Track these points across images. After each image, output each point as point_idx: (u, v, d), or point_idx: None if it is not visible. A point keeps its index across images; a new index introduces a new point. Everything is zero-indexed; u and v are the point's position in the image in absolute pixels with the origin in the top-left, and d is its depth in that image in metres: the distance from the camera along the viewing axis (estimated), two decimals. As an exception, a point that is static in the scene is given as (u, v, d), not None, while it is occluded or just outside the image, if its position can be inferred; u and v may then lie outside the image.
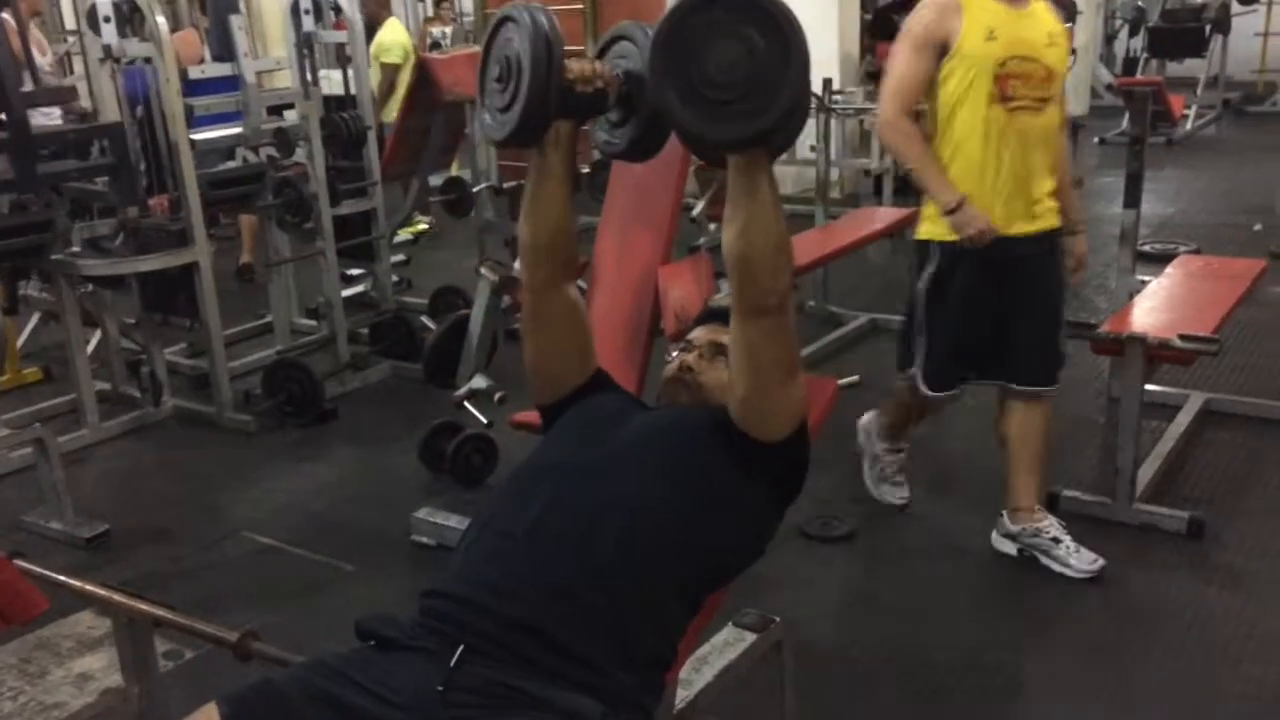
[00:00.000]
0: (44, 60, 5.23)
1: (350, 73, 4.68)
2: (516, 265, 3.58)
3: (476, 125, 4.96)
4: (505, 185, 4.79)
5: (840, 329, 4.99)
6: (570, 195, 1.78)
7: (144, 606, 2.10)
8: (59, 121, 5.11)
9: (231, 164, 4.80)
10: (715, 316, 1.98)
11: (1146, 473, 3.32)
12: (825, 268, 5.05)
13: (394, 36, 6.89)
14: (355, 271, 5.27)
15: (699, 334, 1.95)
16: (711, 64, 1.40)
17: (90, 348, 4.45)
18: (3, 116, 3.47)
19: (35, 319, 5.00)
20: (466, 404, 3.42)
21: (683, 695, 1.97)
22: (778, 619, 2.17)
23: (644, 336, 3.16)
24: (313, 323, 4.95)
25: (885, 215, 5.18)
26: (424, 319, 4.79)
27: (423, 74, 4.79)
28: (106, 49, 3.84)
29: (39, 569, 2.17)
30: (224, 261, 5.83)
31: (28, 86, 3.91)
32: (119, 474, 3.90)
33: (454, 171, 5.91)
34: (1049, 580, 2.94)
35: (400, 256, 5.60)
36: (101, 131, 3.83)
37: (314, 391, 4.06)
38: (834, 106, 5.23)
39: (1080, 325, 3.13)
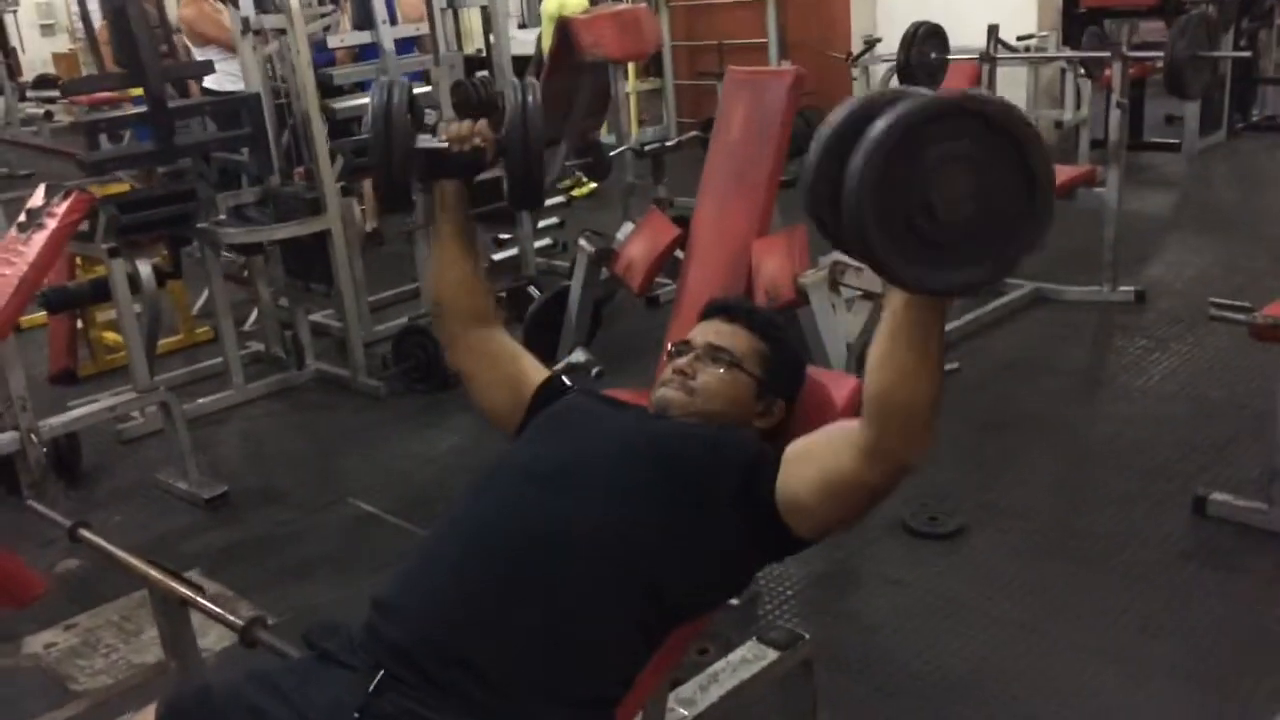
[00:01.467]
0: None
1: (491, 37, 4.65)
2: (619, 236, 3.49)
3: (618, 86, 4.86)
4: (646, 147, 4.67)
5: (1001, 298, 4.60)
6: (467, 252, 1.79)
7: (175, 585, 2.12)
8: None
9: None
10: (718, 312, 1.81)
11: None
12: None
13: (576, 0, 6.85)
14: (505, 236, 5.28)
15: (698, 333, 1.78)
16: (934, 198, 1.13)
17: (255, 313, 4.69)
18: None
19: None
20: (564, 378, 3.34)
21: (681, 716, 1.83)
22: (806, 635, 1.99)
23: (735, 314, 2.98)
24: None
25: (1058, 173, 4.70)
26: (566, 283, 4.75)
27: (564, 34, 4.70)
28: (245, 21, 3.96)
29: (99, 539, 2.22)
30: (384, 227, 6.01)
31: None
32: (254, 434, 4.07)
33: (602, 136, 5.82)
34: (1186, 592, 2.60)
35: (554, 219, 5.57)
36: (239, 103, 3.95)
37: (437, 358, 4.09)
38: (997, 56, 4.79)
39: (1230, 307, 2.72)
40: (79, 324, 4.64)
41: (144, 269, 3.81)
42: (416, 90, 4.38)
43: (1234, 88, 6.90)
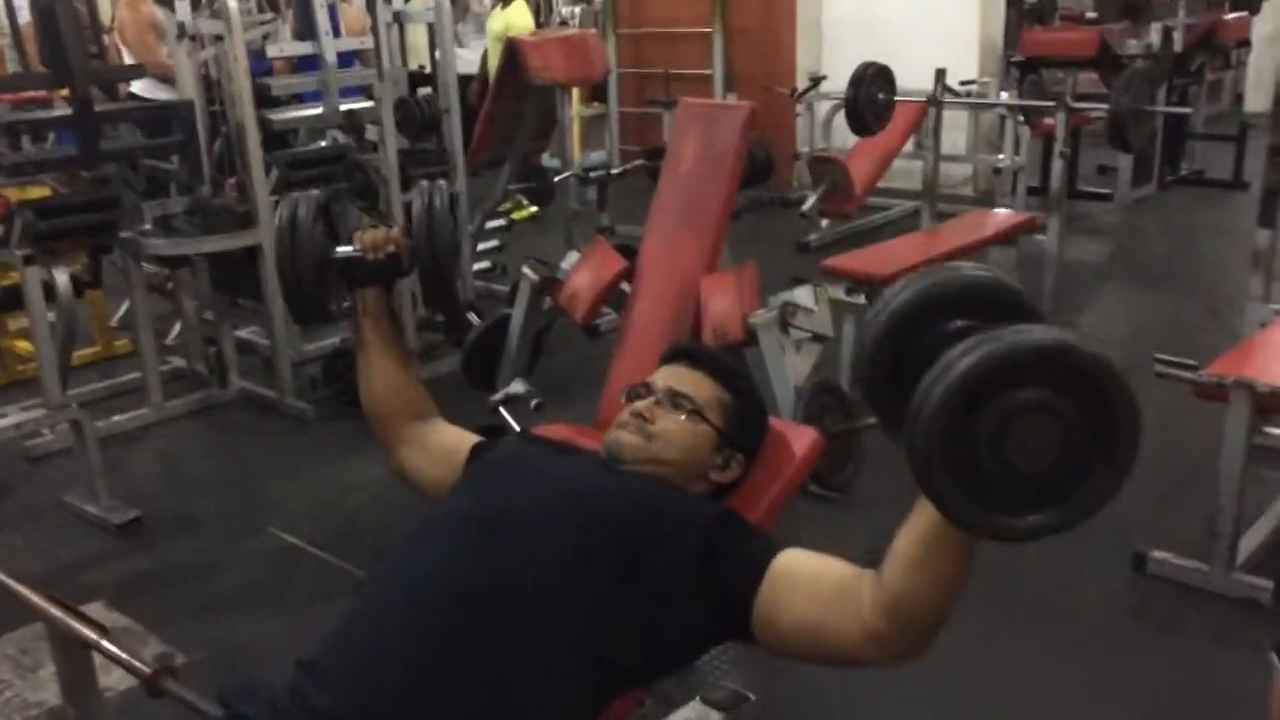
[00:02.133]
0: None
1: (436, 54, 4.55)
2: (563, 265, 3.40)
3: (564, 111, 4.79)
4: (592, 174, 4.60)
5: (942, 342, 4.60)
6: (394, 355, 1.76)
7: (75, 625, 1.97)
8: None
9: (323, 144, 4.75)
10: (682, 356, 1.73)
11: (1254, 538, 2.88)
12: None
13: (523, 20, 6.77)
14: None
15: (660, 377, 1.69)
16: (1009, 446, 1.05)
17: (178, 327, 4.50)
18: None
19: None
20: (502, 409, 3.24)
21: (621, 780, 1.73)
22: (753, 697, 1.91)
23: (681, 352, 2.90)
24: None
25: (1000, 220, 4.74)
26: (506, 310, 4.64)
27: (512, 56, 4.63)
28: (181, 25, 3.81)
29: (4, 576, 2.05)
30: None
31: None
32: (172, 456, 3.89)
33: (545, 160, 5.74)
34: (1129, 654, 2.57)
35: (494, 242, 5.46)
36: (170, 109, 3.79)
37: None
38: (943, 100, 4.81)
39: (1175, 364, 2.72)
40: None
41: (61, 278, 3.61)
42: (358, 106, 4.30)
43: (1165, 141, 7.05)
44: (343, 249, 1.74)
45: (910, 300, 1.17)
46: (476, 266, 4.93)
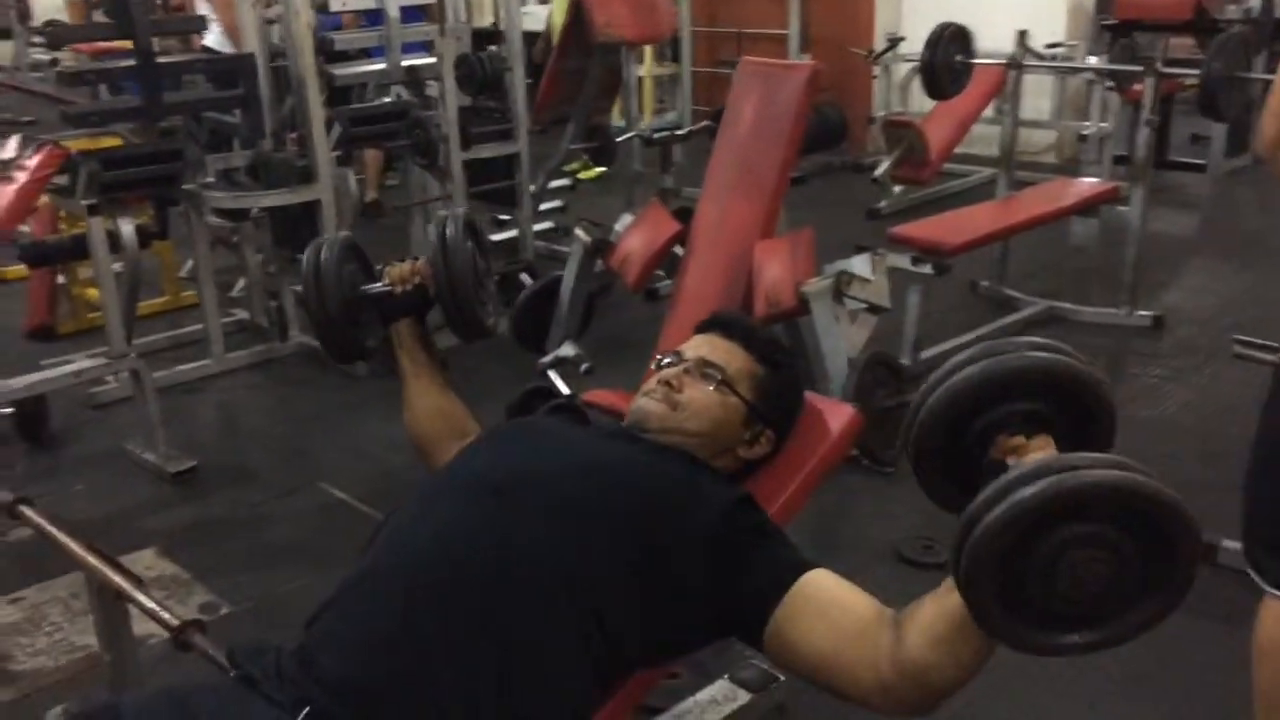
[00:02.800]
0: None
1: (502, 10, 4.49)
2: (616, 227, 3.34)
3: (629, 69, 4.71)
4: (655, 135, 4.51)
5: (1013, 315, 4.45)
6: (435, 386, 1.79)
7: (113, 575, 1.98)
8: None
9: (387, 100, 4.74)
10: (716, 326, 1.66)
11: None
12: (1005, 244, 4.51)
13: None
14: (505, 217, 5.13)
15: (692, 346, 1.63)
16: (1061, 575, 1.02)
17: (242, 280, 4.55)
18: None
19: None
20: (551, 372, 3.20)
21: (641, 759, 1.70)
22: (782, 678, 1.85)
23: (732, 318, 2.83)
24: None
25: (1079, 189, 4.55)
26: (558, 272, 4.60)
27: (577, 13, 4.55)
28: (243, -21, 3.81)
29: (39, 518, 2.08)
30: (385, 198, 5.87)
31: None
32: (230, 407, 3.94)
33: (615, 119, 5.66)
34: (1180, 645, 2.45)
35: (557, 202, 5.41)
36: (232, 62, 3.80)
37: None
38: (1024, 64, 4.62)
39: (1255, 345, 2.56)
40: (61, 280, 4.50)
41: (126, 228, 3.66)
42: (420, 62, 4.27)
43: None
44: (371, 286, 1.80)
45: (976, 379, 1.13)
46: (538, 227, 4.89)
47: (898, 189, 6.05)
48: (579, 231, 3.14)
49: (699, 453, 1.53)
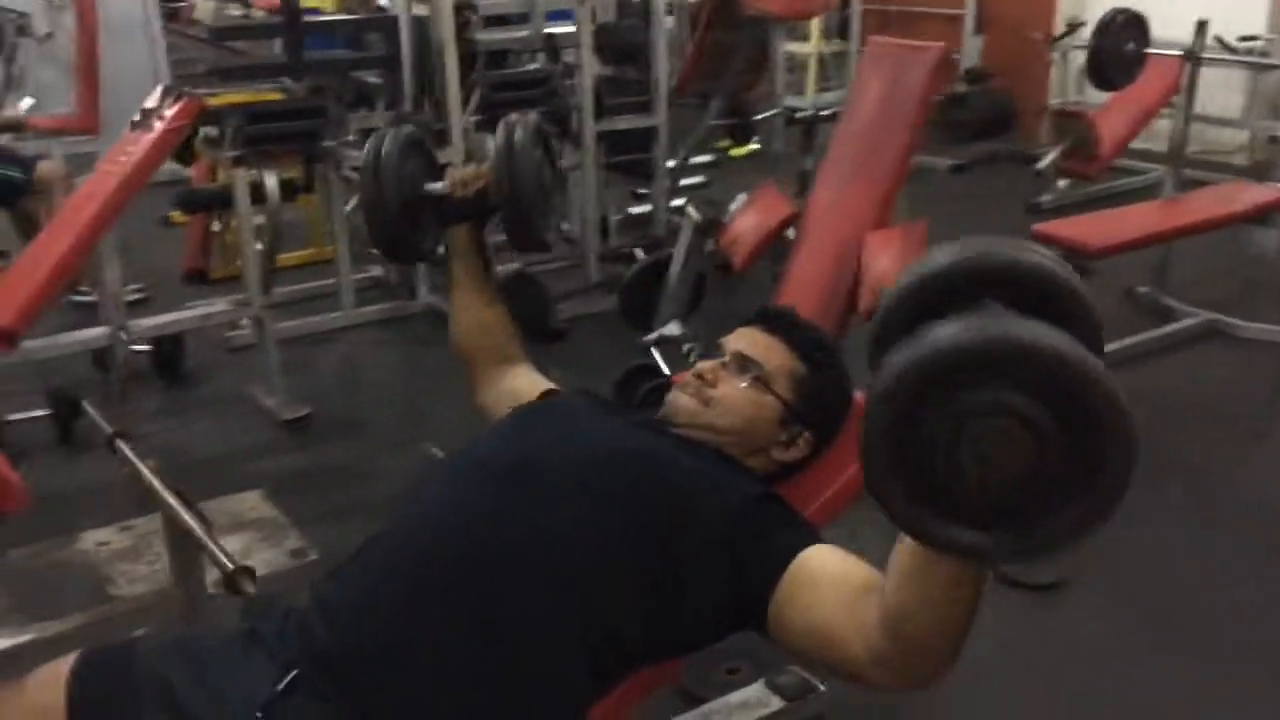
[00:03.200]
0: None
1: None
2: (731, 207, 3.25)
3: (776, 45, 4.58)
4: (797, 114, 4.38)
5: (1169, 325, 4.14)
6: (485, 300, 1.73)
7: (184, 514, 2.05)
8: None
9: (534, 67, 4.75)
10: (759, 320, 1.58)
11: None
12: (1167, 248, 4.20)
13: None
14: (643, 191, 5.09)
15: (732, 339, 1.56)
16: (968, 457, 0.90)
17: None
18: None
19: (355, 200, 5.31)
20: (654, 349, 3.16)
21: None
22: (822, 688, 1.76)
23: (835, 312, 2.74)
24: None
25: (1256, 194, 4.19)
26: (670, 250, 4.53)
27: (727, -15, 4.46)
28: (394, -58, 3.87)
29: (130, 454, 2.16)
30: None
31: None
32: (351, 359, 4.05)
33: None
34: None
35: (699, 178, 5.33)
36: (374, 24, 3.87)
37: (543, 309, 3.96)
38: (1201, 56, 4.25)
39: None
40: (215, 227, 4.72)
41: (270, 181, 3.80)
42: (561, 30, 4.26)
43: None
44: (432, 186, 1.71)
45: (947, 268, 0.98)
46: (675, 203, 4.83)
47: (1063, 183, 5.72)
48: (690, 210, 3.09)
49: (729, 450, 1.46)
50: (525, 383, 1.71)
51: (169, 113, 3.03)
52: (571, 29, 4.17)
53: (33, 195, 4.12)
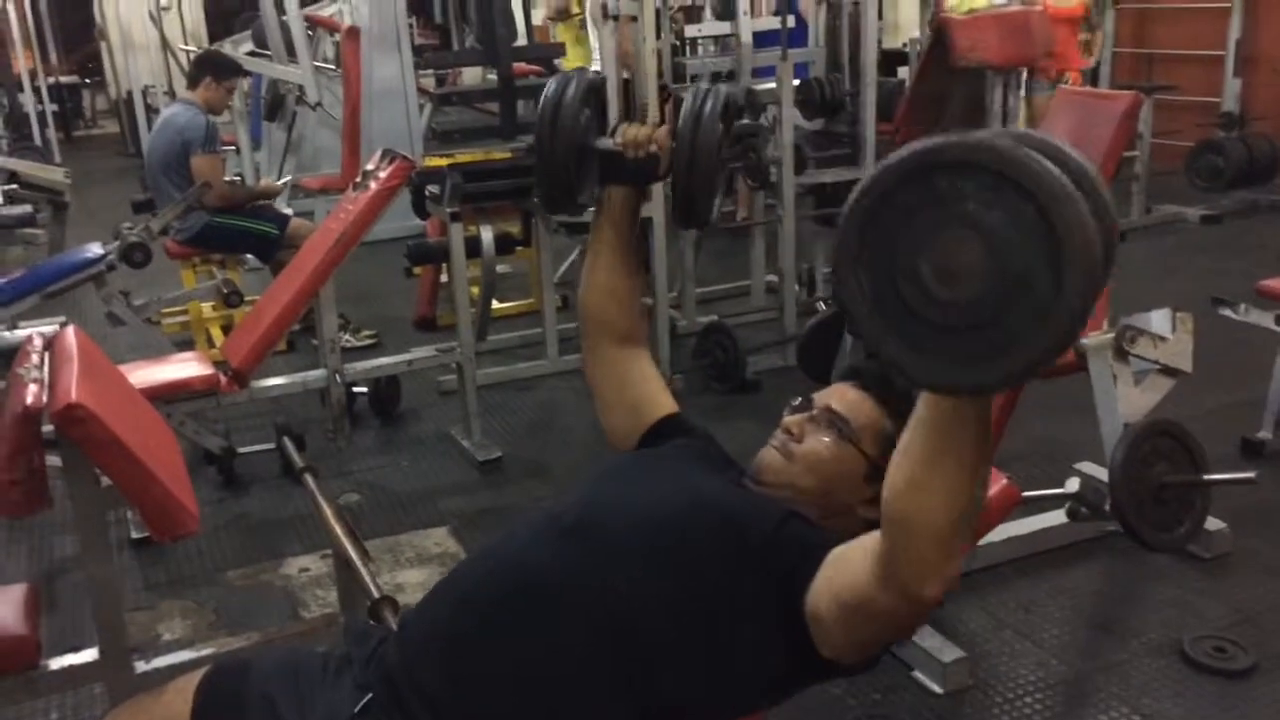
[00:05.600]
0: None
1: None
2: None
3: (994, 96, 4.45)
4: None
5: None
6: (625, 264, 1.66)
7: (347, 545, 2.22)
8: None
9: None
10: (852, 375, 1.55)
11: None
12: None
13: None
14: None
15: (823, 395, 1.54)
16: (929, 269, 0.96)
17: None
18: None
19: (576, 253, 5.53)
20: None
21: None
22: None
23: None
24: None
25: None
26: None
27: (939, 34, 4.37)
28: (604, 6, 4.05)
29: (313, 488, 2.34)
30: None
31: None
32: (549, 405, 4.21)
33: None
34: None
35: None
36: (581, 86, 4.05)
37: (735, 360, 3.98)
38: None
39: None
40: (444, 278, 5.04)
41: (485, 234, 4.05)
42: (762, 86, 4.31)
43: None
44: (604, 141, 1.64)
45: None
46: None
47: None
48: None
49: (806, 510, 1.43)
50: (648, 392, 1.67)
51: (383, 174, 3.29)
52: (769, 85, 4.22)
53: (286, 249, 4.56)
